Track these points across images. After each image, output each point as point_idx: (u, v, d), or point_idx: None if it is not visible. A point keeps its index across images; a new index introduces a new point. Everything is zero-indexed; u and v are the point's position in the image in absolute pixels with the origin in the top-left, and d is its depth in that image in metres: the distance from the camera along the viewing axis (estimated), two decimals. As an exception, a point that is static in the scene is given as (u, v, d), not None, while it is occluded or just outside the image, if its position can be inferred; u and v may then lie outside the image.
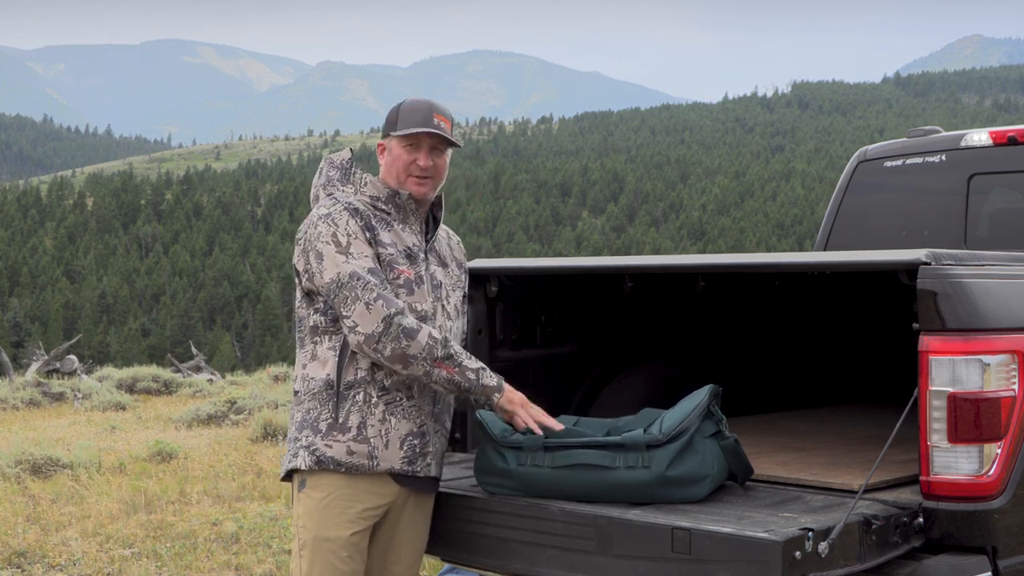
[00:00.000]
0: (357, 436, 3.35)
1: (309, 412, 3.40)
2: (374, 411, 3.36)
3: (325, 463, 3.35)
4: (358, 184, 3.53)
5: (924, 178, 5.87)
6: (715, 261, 4.40)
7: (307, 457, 3.37)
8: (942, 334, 3.20)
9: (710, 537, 3.00)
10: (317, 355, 3.41)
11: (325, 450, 3.35)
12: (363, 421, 3.36)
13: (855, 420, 4.95)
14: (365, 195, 3.50)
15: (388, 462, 3.38)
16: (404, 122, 3.49)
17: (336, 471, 3.35)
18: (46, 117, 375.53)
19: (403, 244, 3.46)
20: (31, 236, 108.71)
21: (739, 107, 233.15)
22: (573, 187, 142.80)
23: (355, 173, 3.55)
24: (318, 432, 3.37)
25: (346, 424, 3.36)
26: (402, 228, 3.49)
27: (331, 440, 3.35)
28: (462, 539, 3.59)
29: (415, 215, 3.53)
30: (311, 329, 3.43)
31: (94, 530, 7.35)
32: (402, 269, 3.42)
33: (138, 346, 70.11)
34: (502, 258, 4.63)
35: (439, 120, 3.49)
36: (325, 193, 3.55)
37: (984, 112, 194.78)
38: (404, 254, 3.45)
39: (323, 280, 3.34)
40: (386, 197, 3.50)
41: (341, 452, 3.35)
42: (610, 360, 4.79)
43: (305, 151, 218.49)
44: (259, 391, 15.98)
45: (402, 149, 3.49)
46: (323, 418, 3.37)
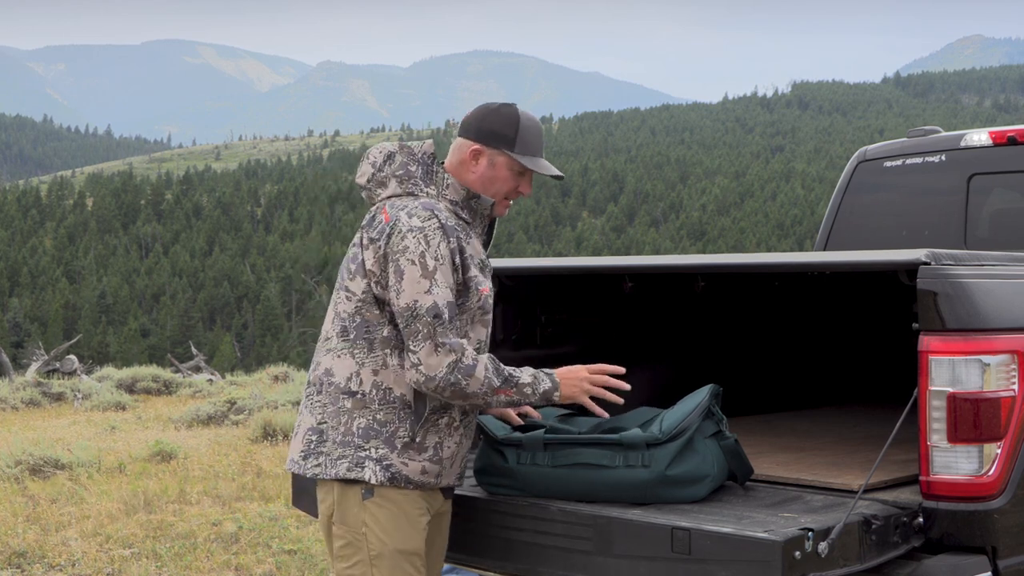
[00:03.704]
0: (433, 457, 3.28)
1: (385, 425, 3.25)
2: (453, 434, 3.31)
3: (398, 480, 3.25)
4: (440, 186, 3.34)
5: (924, 178, 5.87)
6: (715, 261, 4.40)
7: (379, 472, 3.24)
8: (942, 334, 3.20)
9: (710, 537, 3.00)
10: (389, 366, 3.26)
11: (401, 468, 3.25)
12: (440, 442, 3.29)
13: (855, 420, 4.95)
14: (446, 198, 3.33)
15: (447, 479, 3.36)
16: (525, 146, 3.33)
17: (406, 488, 3.28)
18: (46, 117, 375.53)
19: (479, 255, 3.33)
20: (31, 236, 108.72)
21: (739, 107, 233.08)
22: (573, 187, 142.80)
23: (438, 173, 3.36)
24: (394, 448, 3.24)
25: (423, 444, 3.26)
26: (477, 236, 3.37)
27: (407, 459, 3.25)
28: (462, 539, 3.59)
29: (482, 219, 3.39)
30: (383, 339, 3.26)
31: (94, 530, 7.35)
32: (484, 288, 3.30)
33: (138, 346, 70.10)
34: (502, 258, 4.63)
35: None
36: (403, 189, 3.33)
37: (984, 112, 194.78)
38: (479, 267, 3.32)
39: (398, 302, 3.19)
40: (463, 202, 3.33)
41: (416, 471, 3.26)
42: (610, 360, 4.78)
43: (305, 151, 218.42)
44: (259, 391, 15.98)
45: (510, 173, 3.35)
46: (400, 435, 3.25)
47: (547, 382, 3.33)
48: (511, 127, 3.33)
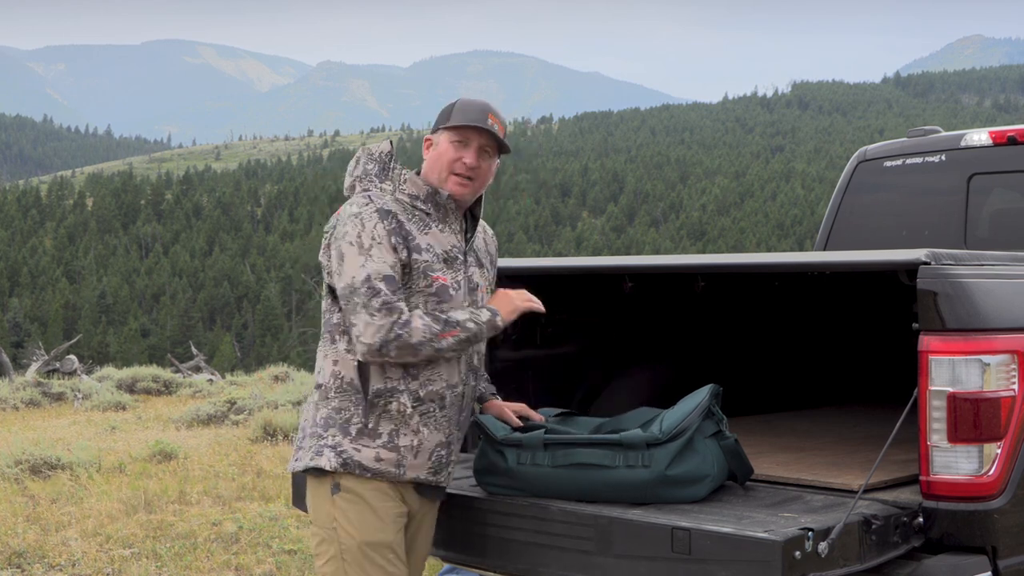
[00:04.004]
0: (387, 443, 3.30)
1: (340, 412, 3.32)
2: (409, 422, 3.31)
3: (351, 467, 3.29)
4: (397, 181, 3.41)
5: (924, 178, 5.87)
6: (715, 261, 4.40)
7: (333, 458, 3.30)
8: (942, 334, 3.20)
9: (710, 537, 3.00)
10: (340, 352, 3.35)
11: (353, 453, 3.29)
12: (396, 430, 3.31)
13: (855, 420, 4.95)
14: (404, 193, 3.39)
15: (415, 471, 3.34)
16: (457, 117, 3.39)
17: (362, 476, 3.30)
18: (46, 117, 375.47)
19: (442, 247, 3.37)
20: (31, 236, 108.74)
21: (739, 107, 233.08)
22: (573, 187, 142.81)
23: (394, 169, 3.43)
24: (347, 434, 3.30)
25: (377, 430, 3.30)
26: (441, 229, 3.39)
27: (360, 445, 3.29)
28: (462, 539, 3.59)
29: (455, 214, 3.42)
30: (335, 326, 3.37)
31: (94, 530, 7.35)
32: (436, 276, 3.32)
33: (138, 346, 70.12)
34: (502, 258, 4.63)
35: (493, 122, 3.40)
36: (361, 187, 3.42)
37: (984, 112, 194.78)
38: (442, 258, 3.35)
39: (339, 285, 3.29)
40: (425, 196, 3.39)
41: (369, 458, 3.29)
42: (610, 360, 4.79)
43: (305, 151, 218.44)
44: (259, 391, 15.97)
45: (450, 144, 3.38)
46: (354, 421, 3.31)
47: (485, 312, 3.38)
48: (448, 108, 3.46)
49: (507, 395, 3.78)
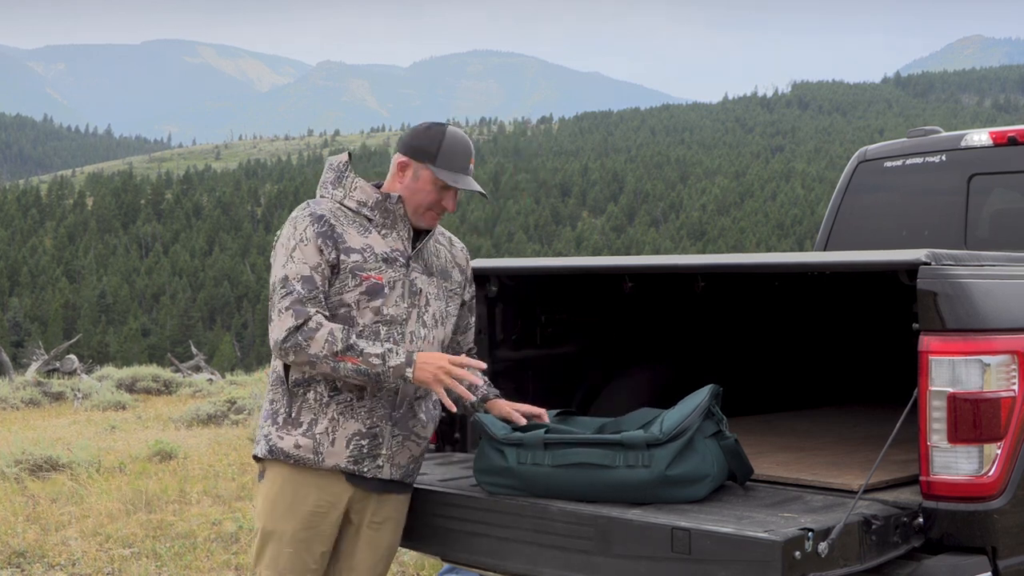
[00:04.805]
0: (306, 432, 3.44)
1: (272, 403, 3.52)
2: (326, 410, 3.45)
3: (276, 454, 3.46)
4: (348, 188, 3.55)
5: (924, 178, 5.87)
6: (715, 261, 4.40)
7: (264, 446, 3.50)
8: (942, 334, 3.20)
9: (710, 537, 3.00)
10: None
11: (277, 441, 3.46)
12: (314, 418, 3.45)
13: (855, 420, 4.95)
14: (352, 199, 3.53)
15: (334, 459, 3.44)
16: (446, 161, 3.49)
17: (285, 463, 3.45)
18: (46, 117, 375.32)
19: (380, 249, 3.48)
20: (31, 236, 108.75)
21: (739, 107, 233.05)
22: (573, 187, 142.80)
23: (347, 177, 3.58)
24: (276, 424, 3.49)
25: (298, 419, 3.46)
26: (384, 234, 3.51)
27: (283, 433, 3.47)
28: (462, 539, 3.59)
29: (403, 221, 3.54)
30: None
31: (94, 530, 7.35)
32: (368, 275, 3.43)
33: (138, 346, 70.15)
34: (502, 258, 4.63)
35: (472, 164, 3.55)
36: (319, 194, 3.60)
37: (984, 112, 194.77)
38: (381, 258, 3.46)
39: (270, 282, 3.48)
40: (373, 203, 3.52)
41: (289, 445, 3.45)
42: (610, 360, 4.79)
43: (305, 151, 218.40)
44: (259, 391, 15.97)
45: (433, 187, 3.50)
46: (282, 412, 3.49)
47: (400, 357, 3.35)
48: (435, 144, 3.52)
49: (507, 395, 3.78)
